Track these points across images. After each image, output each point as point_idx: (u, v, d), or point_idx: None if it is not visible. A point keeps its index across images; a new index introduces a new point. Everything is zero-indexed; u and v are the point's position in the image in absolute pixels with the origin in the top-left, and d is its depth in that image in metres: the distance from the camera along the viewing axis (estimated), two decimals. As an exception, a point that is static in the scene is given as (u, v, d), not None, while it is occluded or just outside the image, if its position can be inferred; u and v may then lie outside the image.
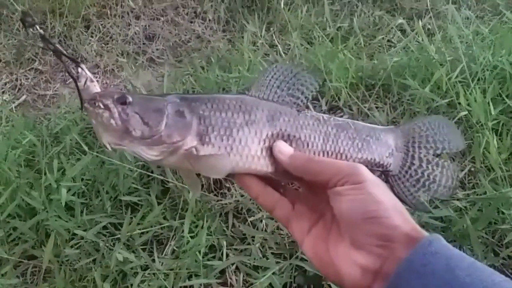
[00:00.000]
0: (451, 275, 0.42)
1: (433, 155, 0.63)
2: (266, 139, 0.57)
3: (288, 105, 0.60)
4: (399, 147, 0.63)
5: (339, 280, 0.50)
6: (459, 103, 1.48)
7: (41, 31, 0.57)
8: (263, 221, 1.35)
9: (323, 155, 0.59)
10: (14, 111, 2.00)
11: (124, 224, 1.28)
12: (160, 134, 0.53)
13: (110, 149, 0.53)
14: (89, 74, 0.57)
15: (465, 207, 1.28)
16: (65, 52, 0.58)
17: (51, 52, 0.59)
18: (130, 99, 0.54)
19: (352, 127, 0.61)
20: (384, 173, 0.63)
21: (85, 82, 0.56)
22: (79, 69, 0.56)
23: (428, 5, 2.14)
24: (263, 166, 0.57)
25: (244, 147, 0.56)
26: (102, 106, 0.53)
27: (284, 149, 0.56)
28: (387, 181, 0.63)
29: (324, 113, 0.62)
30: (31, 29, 0.57)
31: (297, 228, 0.56)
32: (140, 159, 0.54)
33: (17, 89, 2.18)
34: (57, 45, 0.57)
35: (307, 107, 0.61)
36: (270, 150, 0.57)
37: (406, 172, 0.63)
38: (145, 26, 2.51)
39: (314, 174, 0.53)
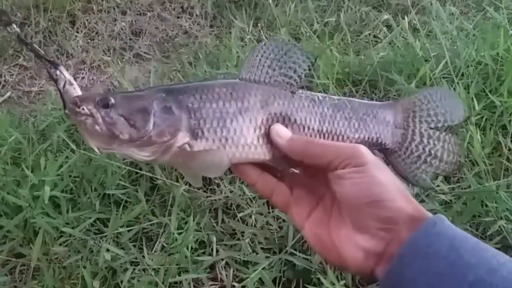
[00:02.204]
0: (455, 256, 0.41)
1: (434, 128, 0.61)
2: (262, 125, 0.54)
3: (281, 85, 0.57)
4: (398, 123, 0.61)
5: (342, 264, 0.50)
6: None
7: (18, 29, 0.55)
8: (253, 216, 1.36)
9: (319, 138, 0.57)
10: (-1, 108, 1.97)
11: (111, 220, 1.28)
12: (149, 134, 0.50)
13: (99, 153, 0.52)
14: (68, 76, 0.55)
15: (450, 200, 1.31)
16: (42, 52, 0.56)
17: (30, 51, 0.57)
18: (112, 100, 0.51)
19: (349, 106, 0.58)
20: (383, 151, 0.61)
21: (64, 85, 0.54)
22: (58, 72, 0.54)
23: (410, 0, 2.16)
24: (261, 154, 0.55)
25: (239, 137, 0.53)
26: (84, 113, 0.50)
27: (282, 132, 0.54)
28: (387, 159, 0.61)
29: None
30: (8, 28, 0.55)
31: (296, 213, 0.54)
32: (133, 160, 0.53)
33: (1, 86, 2.14)
34: (35, 45, 0.55)
35: (302, 87, 0.58)
36: (267, 137, 0.54)
37: (407, 148, 0.60)
38: (131, 21, 2.49)
39: (314, 157, 0.52)
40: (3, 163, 1.44)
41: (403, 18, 1.95)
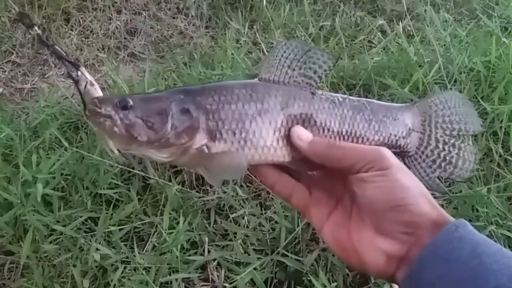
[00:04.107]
0: (477, 261, 0.40)
1: (450, 135, 0.60)
2: (281, 127, 0.54)
3: (301, 86, 0.56)
4: (417, 126, 0.60)
5: (362, 267, 0.49)
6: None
7: (39, 31, 0.55)
8: (245, 217, 1.36)
9: (339, 140, 0.56)
10: (-10, 104, 1.95)
11: (101, 219, 1.27)
12: (167, 136, 0.50)
13: (118, 154, 0.51)
14: (89, 77, 0.55)
15: (442, 205, 1.32)
16: (64, 54, 0.56)
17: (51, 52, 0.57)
18: (131, 102, 0.51)
19: (368, 107, 0.58)
20: (400, 154, 0.61)
21: (85, 86, 0.54)
22: (79, 72, 0.55)
23: (405, 7, 2.18)
24: (280, 156, 0.54)
25: (258, 139, 0.52)
26: (103, 114, 0.50)
27: (303, 135, 0.53)
28: (403, 162, 0.60)
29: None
30: (30, 30, 0.55)
31: (316, 214, 0.54)
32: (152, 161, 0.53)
33: (-7, 82, 2.13)
34: (56, 47, 0.55)
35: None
36: (287, 139, 0.54)
37: (423, 152, 0.60)
38: (127, 20, 2.48)
39: (336, 160, 0.51)
40: (-6, 160, 1.43)
41: (398, 24, 1.97)
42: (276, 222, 1.33)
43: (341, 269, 1.22)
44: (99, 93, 0.53)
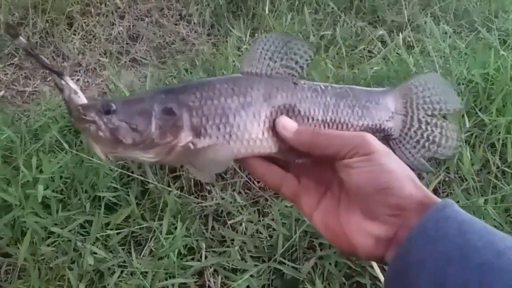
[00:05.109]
0: (463, 239, 0.41)
1: (431, 115, 0.61)
2: (266, 119, 0.54)
3: (283, 77, 0.57)
4: (399, 109, 0.61)
5: (352, 251, 0.50)
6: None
7: (25, 42, 0.56)
8: (243, 224, 1.36)
9: (324, 127, 0.57)
10: (-8, 107, 1.95)
11: (94, 221, 1.27)
12: (151, 137, 0.51)
13: (104, 158, 0.52)
14: (73, 86, 0.56)
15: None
16: (48, 63, 0.57)
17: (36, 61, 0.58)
18: (114, 106, 0.52)
19: (351, 94, 0.58)
20: (385, 137, 0.62)
21: (69, 94, 0.55)
22: (63, 81, 0.55)
23: (406, 18, 2.21)
24: (266, 148, 0.55)
25: (243, 132, 0.53)
26: (87, 120, 0.51)
27: (288, 125, 0.54)
28: (388, 145, 0.61)
29: None
30: (16, 41, 0.56)
31: (305, 202, 0.55)
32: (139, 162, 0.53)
33: (-5, 84, 2.14)
34: (41, 56, 0.56)
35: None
36: (272, 130, 0.54)
37: (406, 134, 0.61)
38: (129, 26, 2.50)
39: (322, 148, 0.52)
40: (-6, 161, 1.43)
41: (398, 35, 1.99)
42: (274, 229, 1.33)
43: (337, 278, 1.22)
44: (83, 101, 0.53)
